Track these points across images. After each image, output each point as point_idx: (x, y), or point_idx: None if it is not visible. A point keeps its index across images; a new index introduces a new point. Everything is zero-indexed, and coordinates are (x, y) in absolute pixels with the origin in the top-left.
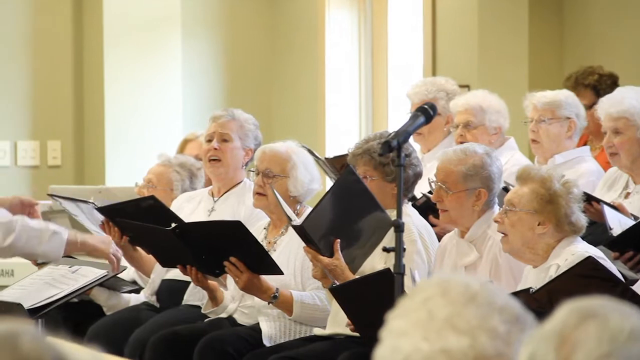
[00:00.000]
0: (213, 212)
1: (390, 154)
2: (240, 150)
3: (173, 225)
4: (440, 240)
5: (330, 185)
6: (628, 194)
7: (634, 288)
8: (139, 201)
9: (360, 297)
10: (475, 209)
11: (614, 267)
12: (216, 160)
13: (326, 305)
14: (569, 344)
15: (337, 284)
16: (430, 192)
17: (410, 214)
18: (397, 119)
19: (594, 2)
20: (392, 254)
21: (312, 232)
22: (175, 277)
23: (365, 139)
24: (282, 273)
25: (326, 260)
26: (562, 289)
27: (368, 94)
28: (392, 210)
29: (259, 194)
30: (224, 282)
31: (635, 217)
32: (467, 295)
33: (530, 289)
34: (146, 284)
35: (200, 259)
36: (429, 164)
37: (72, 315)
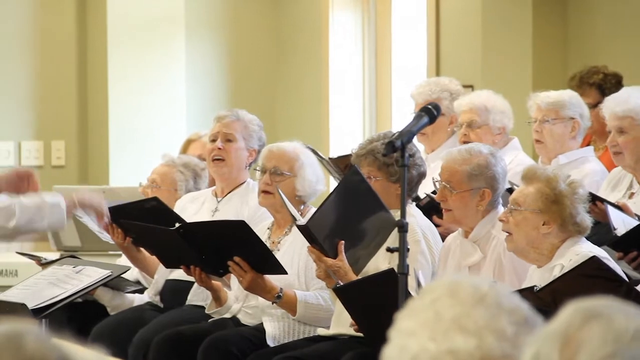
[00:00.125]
0: (217, 213)
1: (394, 154)
2: (244, 151)
3: (177, 225)
4: (444, 241)
5: (334, 185)
6: (632, 194)
7: (638, 288)
8: (142, 202)
9: (364, 298)
10: (479, 209)
11: (618, 267)
12: (220, 160)
13: (330, 305)
14: (573, 344)
15: (341, 284)
16: (434, 192)
17: (414, 214)
18: (401, 119)
19: (597, 3)
20: (396, 254)
21: (317, 232)
22: (179, 278)
23: (369, 140)
24: (286, 273)
25: (330, 261)
26: (566, 289)
27: (372, 95)
28: (396, 211)
29: (265, 192)
30: (228, 282)
31: (639, 217)
32: (476, 296)
33: (535, 287)
34: (150, 284)
35: (204, 259)
36: (433, 164)
37: (76, 316)
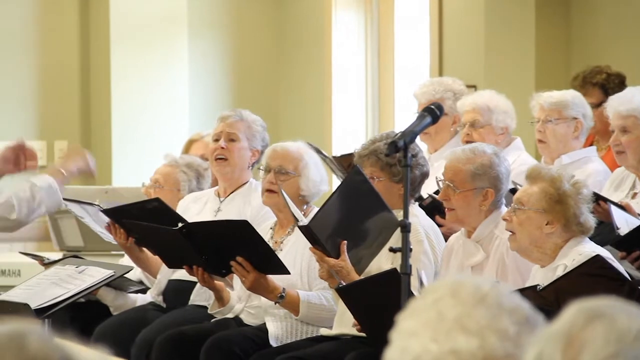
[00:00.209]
0: (219, 213)
1: (396, 154)
2: (247, 151)
3: (180, 225)
4: (446, 241)
5: (337, 184)
6: (635, 194)
7: None
8: (144, 203)
9: (366, 298)
10: (482, 209)
11: (621, 267)
12: (223, 159)
13: (333, 305)
14: (576, 345)
15: (344, 284)
16: (436, 192)
17: (417, 214)
18: (404, 119)
19: (600, 4)
20: (399, 254)
21: (319, 233)
22: (181, 278)
23: (371, 140)
24: (289, 273)
25: (332, 261)
26: (569, 288)
27: (375, 94)
28: (399, 211)
29: (269, 191)
30: (231, 282)
31: None
32: (477, 296)
33: (538, 286)
34: (152, 285)
35: (206, 259)
36: (436, 164)
37: (79, 316)
